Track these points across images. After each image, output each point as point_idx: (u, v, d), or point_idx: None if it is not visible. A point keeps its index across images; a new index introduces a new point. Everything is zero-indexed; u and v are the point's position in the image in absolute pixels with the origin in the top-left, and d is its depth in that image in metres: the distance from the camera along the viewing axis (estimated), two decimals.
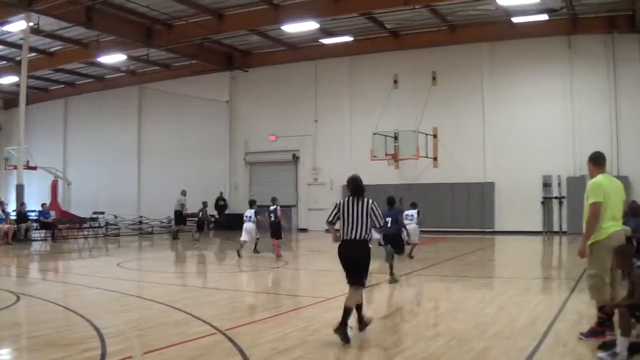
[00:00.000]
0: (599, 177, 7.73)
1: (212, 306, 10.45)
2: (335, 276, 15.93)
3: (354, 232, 8.05)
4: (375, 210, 8.21)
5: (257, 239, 20.56)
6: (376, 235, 12.90)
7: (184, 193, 29.23)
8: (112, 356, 6.90)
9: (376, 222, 8.23)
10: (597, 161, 7.97)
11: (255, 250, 20.42)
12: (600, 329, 7.52)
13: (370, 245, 8.29)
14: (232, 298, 11.90)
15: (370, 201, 8.26)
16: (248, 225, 19.95)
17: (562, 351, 7.10)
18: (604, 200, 7.49)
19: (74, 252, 22.78)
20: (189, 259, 21.28)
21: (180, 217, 29.17)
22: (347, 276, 8.20)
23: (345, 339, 7.58)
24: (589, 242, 7.55)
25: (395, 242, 13.75)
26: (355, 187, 8.42)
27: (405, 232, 14.81)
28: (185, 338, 7.81)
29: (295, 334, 8.11)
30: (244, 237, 19.82)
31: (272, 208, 20.42)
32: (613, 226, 7.54)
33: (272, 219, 20.10)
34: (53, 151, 43.44)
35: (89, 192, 40.77)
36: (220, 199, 35.85)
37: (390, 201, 13.93)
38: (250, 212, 20.23)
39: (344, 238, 8.15)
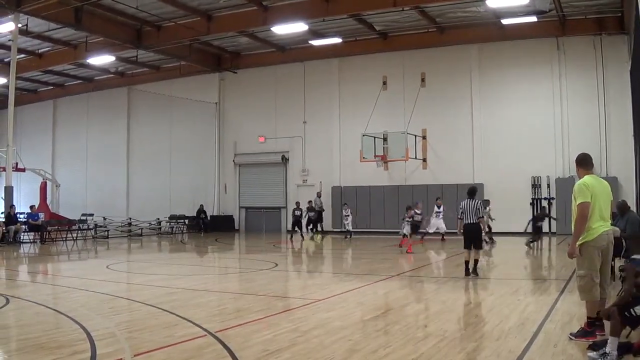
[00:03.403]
0: (587, 178, 7.78)
1: (201, 308, 10.41)
2: (324, 278, 15.95)
3: (471, 219, 14.15)
4: (480, 207, 14.32)
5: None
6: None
7: (319, 195, 32.90)
8: (102, 358, 6.87)
9: (480, 213, 14.27)
10: (583, 163, 8.05)
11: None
12: (590, 329, 7.56)
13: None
14: (221, 300, 11.87)
15: (478, 201, 14.43)
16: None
17: (552, 352, 7.11)
18: (592, 200, 7.54)
19: (63, 254, 22.69)
20: (178, 260, 21.22)
21: (320, 216, 32.13)
22: (469, 244, 14.23)
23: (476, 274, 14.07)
24: (578, 242, 7.61)
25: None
26: (471, 192, 14.43)
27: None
28: (175, 340, 7.78)
29: (285, 335, 8.08)
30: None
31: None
32: (602, 226, 7.59)
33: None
34: (42, 153, 43.37)
35: (78, 193, 40.78)
36: (201, 211, 35.94)
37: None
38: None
39: (467, 223, 14.20)
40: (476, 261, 14.28)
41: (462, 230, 14.43)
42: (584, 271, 7.62)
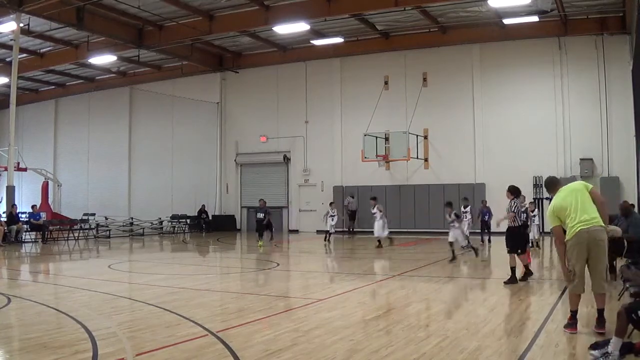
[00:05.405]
0: (552, 202, 8.45)
1: (203, 308, 10.42)
2: (326, 277, 15.94)
3: (518, 221, 13.69)
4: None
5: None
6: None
7: (352, 196, 32.80)
8: (103, 358, 6.88)
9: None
10: (546, 187, 8.84)
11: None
12: (571, 321, 8.13)
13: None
14: (223, 299, 11.88)
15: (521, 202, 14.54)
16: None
17: (553, 351, 7.12)
18: (560, 214, 8.23)
19: (64, 254, 22.71)
20: (180, 260, 21.22)
21: (354, 215, 32.59)
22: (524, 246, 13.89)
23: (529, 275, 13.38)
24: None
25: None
26: (516, 190, 14.12)
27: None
28: (176, 340, 7.79)
29: (286, 335, 8.09)
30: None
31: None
32: (579, 224, 8.00)
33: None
34: (43, 152, 43.35)
35: (80, 193, 40.74)
36: (203, 211, 35.94)
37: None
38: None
39: (516, 224, 13.66)
40: (527, 267, 13.63)
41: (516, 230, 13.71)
42: (570, 265, 8.16)
